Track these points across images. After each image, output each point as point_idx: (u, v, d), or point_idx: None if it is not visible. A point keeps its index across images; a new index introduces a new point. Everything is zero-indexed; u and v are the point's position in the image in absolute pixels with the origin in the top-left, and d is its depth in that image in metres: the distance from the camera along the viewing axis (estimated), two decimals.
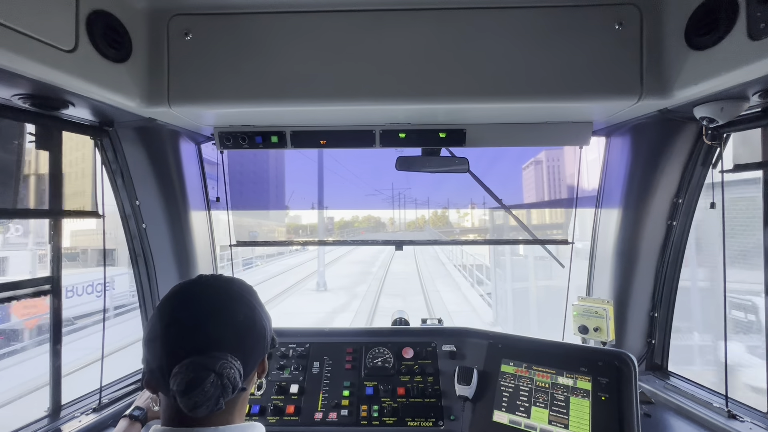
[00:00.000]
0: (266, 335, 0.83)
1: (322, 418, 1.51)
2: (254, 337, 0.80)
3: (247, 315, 0.80)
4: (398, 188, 62.46)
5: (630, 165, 1.64)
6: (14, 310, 8.37)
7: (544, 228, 11.19)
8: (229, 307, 0.79)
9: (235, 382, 0.72)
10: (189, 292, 0.81)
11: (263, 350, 0.83)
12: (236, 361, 0.73)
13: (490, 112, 1.47)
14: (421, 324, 1.92)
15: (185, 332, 0.75)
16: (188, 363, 0.70)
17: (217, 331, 0.75)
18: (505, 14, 1.28)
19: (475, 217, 53.49)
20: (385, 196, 56.58)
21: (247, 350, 0.77)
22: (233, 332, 0.77)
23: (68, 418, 1.44)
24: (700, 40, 1.11)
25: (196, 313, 0.77)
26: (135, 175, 1.65)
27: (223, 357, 0.72)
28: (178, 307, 0.78)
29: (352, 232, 68.75)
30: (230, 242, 1.96)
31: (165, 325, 0.76)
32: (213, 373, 0.69)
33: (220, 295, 0.81)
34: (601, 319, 1.63)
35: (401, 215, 61.88)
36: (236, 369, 0.72)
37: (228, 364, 0.71)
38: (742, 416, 1.35)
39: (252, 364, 0.79)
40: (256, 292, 0.88)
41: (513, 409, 1.41)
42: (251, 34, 1.31)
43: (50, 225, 1.42)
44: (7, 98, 1.15)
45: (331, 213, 79.06)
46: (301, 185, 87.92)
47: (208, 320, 0.76)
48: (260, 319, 0.82)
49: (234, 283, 0.86)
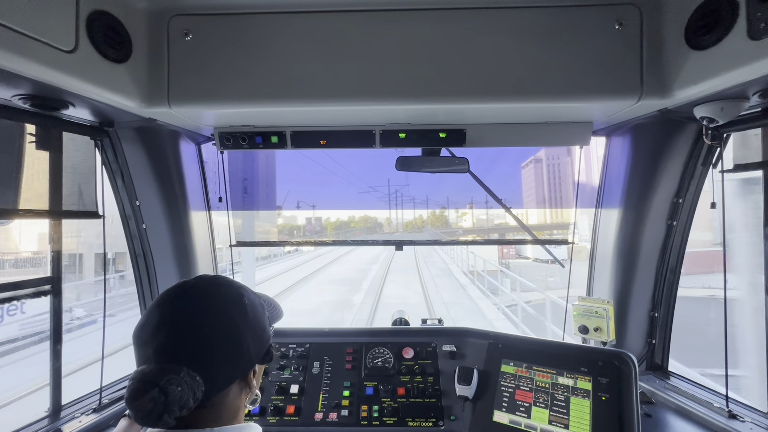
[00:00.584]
0: (244, 350, 0.77)
1: (323, 419, 1.51)
2: (224, 352, 0.74)
3: (216, 328, 0.74)
4: (395, 185, 59.58)
5: (630, 165, 1.64)
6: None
7: (551, 228, 10.86)
8: (198, 318, 0.74)
9: (183, 401, 0.66)
10: (171, 292, 0.79)
11: (243, 366, 0.78)
12: (195, 376, 0.68)
13: (490, 112, 1.47)
14: (422, 324, 1.92)
15: (148, 337, 0.72)
16: (139, 371, 0.68)
17: (176, 342, 0.71)
18: (505, 14, 1.28)
19: (476, 217, 52.96)
20: (381, 194, 53.71)
21: (213, 365, 0.72)
22: (195, 345, 0.72)
23: (68, 418, 1.44)
24: (700, 39, 1.11)
25: (162, 320, 0.73)
26: (135, 176, 1.65)
27: (175, 371, 0.67)
28: (155, 306, 0.76)
29: (348, 233, 66.65)
30: (230, 242, 1.97)
31: (139, 325, 0.75)
32: (156, 387, 0.65)
33: (193, 302, 0.77)
34: (602, 319, 1.63)
35: (398, 215, 58.54)
36: (188, 386, 0.67)
37: (177, 380, 0.66)
38: (742, 416, 1.35)
39: (223, 380, 0.74)
40: (246, 303, 0.81)
41: (513, 409, 1.41)
42: (251, 34, 1.31)
43: (50, 225, 1.43)
44: (7, 98, 1.16)
45: (321, 213, 76.84)
46: (292, 185, 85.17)
47: (170, 329, 0.72)
48: (236, 334, 0.76)
49: (219, 291, 0.81)
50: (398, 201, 50.83)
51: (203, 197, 1.89)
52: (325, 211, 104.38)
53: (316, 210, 60.97)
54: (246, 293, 0.84)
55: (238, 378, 0.78)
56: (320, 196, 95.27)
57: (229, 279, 0.87)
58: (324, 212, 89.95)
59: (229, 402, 0.78)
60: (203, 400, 0.70)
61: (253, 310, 0.83)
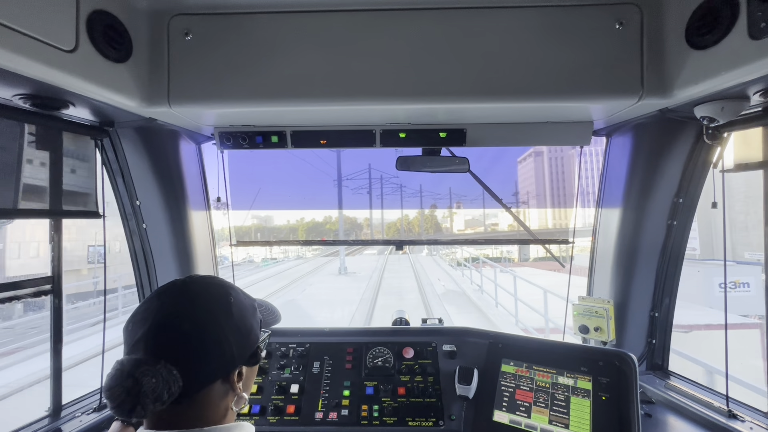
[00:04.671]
0: (225, 350, 0.76)
1: (323, 418, 1.51)
2: (204, 348, 0.74)
3: (197, 324, 0.75)
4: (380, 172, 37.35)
5: (630, 164, 1.64)
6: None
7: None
8: (180, 313, 0.75)
9: (157, 394, 0.66)
10: (161, 289, 0.81)
11: (224, 365, 0.77)
12: (172, 370, 0.69)
13: (490, 111, 1.47)
14: (422, 324, 1.92)
15: (132, 329, 0.74)
16: (118, 361, 0.69)
17: (156, 335, 0.72)
18: (505, 14, 1.28)
19: (474, 217, 51.11)
20: (357, 187, 35.69)
21: (192, 361, 0.72)
22: (175, 340, 0.73)
23: (69, 417, 1.44)
24: (700, 39, 1.11)
25: (150, 312, 0.75)
26: (135, 175, 1.65)
27: (151, 363, 0.68)
28: (144, 302, 0.78)
29: (323, 234, 61.37)
30: (230, 242, 1.97)
31: (129, 317, 0.77)
32: (131, 377, 0.66)
33: (179, 299, 0.78)
34: (602, 319, 1.63)
35: (383, 216, 46.82)
36: (163, 379, 0.67)
37: (152, 372, 0.66)
38: (742, 416, 1.35)
39: (203, 377, 0.74)
40: (232, 302, 0.81)
41: (513, 409, 1.41)
42: (251, 34, 1.31)
43: (50, 225, 1.43)
44: (8, 98, 1.16)
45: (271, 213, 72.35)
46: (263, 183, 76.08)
47: (152, 323, 0.73)
48: (218, 332, 0.76)
49: (206, 289, 0.81)
50: (379, 196, 37.75)
51: (203, 197, 1.89)
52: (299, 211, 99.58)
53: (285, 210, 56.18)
54: (234, 293, 0.84)
55: (220, 377, 0.77)
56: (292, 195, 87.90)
57: (220, 279, 0.87)
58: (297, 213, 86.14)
59: (212, 402, 0.77)
60: (181, 396, 0.70)
61: (240, 310, 0.82)
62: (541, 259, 30.82)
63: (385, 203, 40.64)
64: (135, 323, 0.75)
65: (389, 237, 52.13)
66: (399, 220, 60.58)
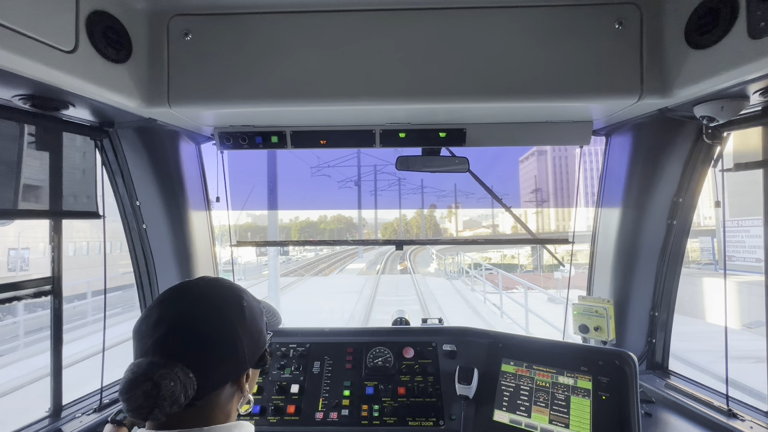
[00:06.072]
0: (239, 352, 0.77)
1: (323, 418, 1.51)
2: (218, 352, 0.75)
3: (213, 328, 0.75)
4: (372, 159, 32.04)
5: (630, 164, 1.64)
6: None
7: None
8: (196, 316, 0.75)
9: (175, 397, 0.67)
10: (173, 290, 0.80)
11: (237, 368, 0.78)
12: (189, 373, 0.69)
13: (490, 111, 1.47)
14: (422, 324, 1.92)
15: (147, 332, 0.73)
16: (135, 364, 0.69)
17: (173, 338, 0.72)
18: (505, 13, 1.28)
19: (473, 219, 50.06)
20: (342, 179, 31.59)
21: (208, 364, 0.73)
22: (191, 343, 0.73)
23: (69, 418, 1.44)
24: (700, 38, 1.11)
25: (162, 316, 0.74)
26: (135, 176, 1.65)
27: (169, 366, 0.68)
28: (157, 303, 0.77)
29: (317, 234, 59.20)
30: (230, 242, 1.97)
31: (139, 320, 0.76)
32: (150, 381, 0.66)
33: (193, 302, 0.78)
34: (602, 319, 1.63)
35: (375, 216, 45.74)
36: (181, 382, 0.68)
37: (170, 376, 0.67)
38: (742, 415, 1.35)
39: (217, 380, 0.75)
40: (245, 305, 0.82)
41: (513, 409, 1.41)
42: (251, 35, 1.31)
43: (50, 225, 1.43)
44: (7, 99, 1.16)
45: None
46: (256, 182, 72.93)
47: (168, 326, 0.73)
48: (232, 335, 0.76)
49: (219, 292, 0.81)
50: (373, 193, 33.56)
51: (203, 197, 1.89)
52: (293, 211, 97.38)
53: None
54: (245, 296, 0.85)
55: (231, 379, 0.78)
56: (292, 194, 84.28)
57: (230, 281, 0.88)
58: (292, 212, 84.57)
59: (220, 403, 0.78)
60: (195, 398, 0.71)
61: (251, 313, 0.83)
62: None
63: (382, 200, 38.40)
64: (148, 326, 0.74)
65: (387, 238, 51.56)
66: (396, 220, 60.02)
